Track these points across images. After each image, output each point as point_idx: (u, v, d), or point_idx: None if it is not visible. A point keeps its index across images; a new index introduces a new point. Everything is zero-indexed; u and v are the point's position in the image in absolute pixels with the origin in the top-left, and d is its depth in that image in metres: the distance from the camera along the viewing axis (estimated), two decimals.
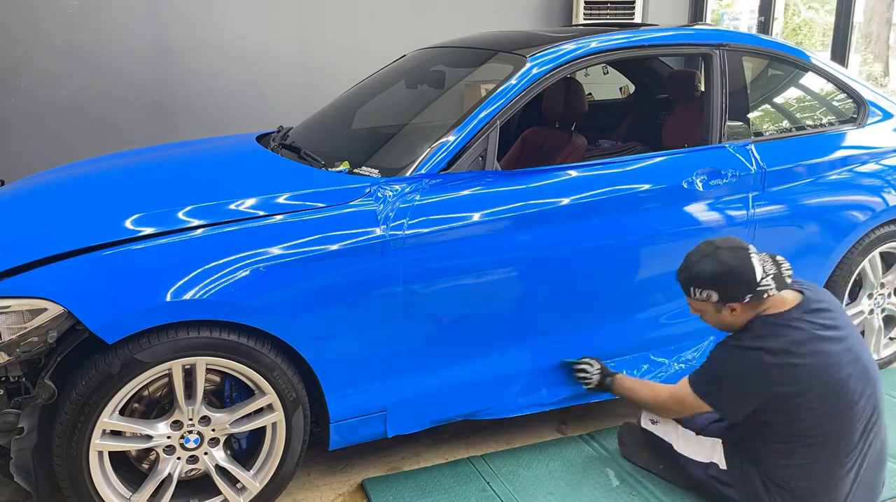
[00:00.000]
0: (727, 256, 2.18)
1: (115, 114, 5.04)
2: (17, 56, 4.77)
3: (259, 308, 2.14)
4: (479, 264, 2.45)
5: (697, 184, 2.78)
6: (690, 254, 2.28)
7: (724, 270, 2.17)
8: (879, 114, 3.29)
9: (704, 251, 2.24)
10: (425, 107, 3.10)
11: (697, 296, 2.24)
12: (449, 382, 2.51)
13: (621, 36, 2.87)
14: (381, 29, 5.53)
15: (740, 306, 2.20)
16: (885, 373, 3.34)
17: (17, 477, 2.04)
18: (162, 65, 5.11)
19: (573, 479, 2.55)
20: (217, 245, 2.14)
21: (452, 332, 2.48)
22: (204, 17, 5.14)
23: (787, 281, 2.21)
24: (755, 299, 2.17)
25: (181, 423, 2.17)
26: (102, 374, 2.01)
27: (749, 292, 2.16)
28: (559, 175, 2.63)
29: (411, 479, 2.56)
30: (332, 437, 2.40)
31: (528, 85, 2.61)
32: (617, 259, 2.68)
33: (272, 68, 5.36)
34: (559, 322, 2.65)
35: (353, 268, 2.26)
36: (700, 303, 2.26)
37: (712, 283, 2.19)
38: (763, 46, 3.14)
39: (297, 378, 2.27)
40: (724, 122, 2.93)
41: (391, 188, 2.37)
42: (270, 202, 2.30)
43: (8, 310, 1.96)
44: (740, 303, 2.18)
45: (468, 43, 3.25)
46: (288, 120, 3.61)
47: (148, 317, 2.02)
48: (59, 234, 2.15)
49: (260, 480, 2.30)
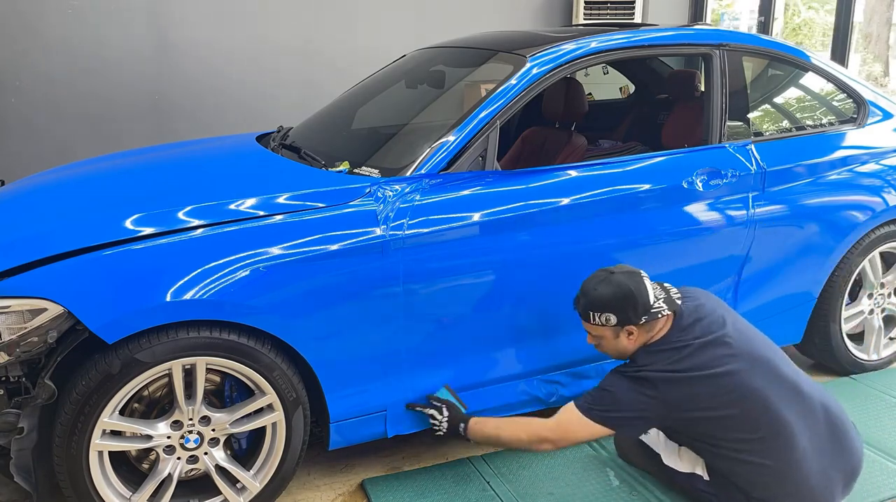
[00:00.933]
0: (623, 279, 2.24)
1: (114, 114, 5.04)
2: (17, 56, 4.77)
3: (259, 308, 2.14)
4: (479, 264, 2.45)
5: (697, 184, 2.78)
6: (587, 282, 2.32)
7: (622, 292, 2.23)
8: (879, 114, 3.29)
9: (600, 277, 2.29)
10: (425, 107, 3.10)
11: (596, 321, 2.27)
12: (449, 382, 2.51)
13: (621, 36, 2.87)
14: (381, 29, 5.53)
15: (636, 329, 2.25)
16: (885, 373, 3.34)
17: (17, 477, 2.04)
18: (162, 65, 5.11)
19: (573, 479, 2.55)
20: (217, 245, 2.15)
21: (452, 332, 2.48)
22: (204, 17, 5.14)
23: (677, 302, 2.28)
24: (650, 319, 2.23)
25: (181, 423, 2.17)
26: (102, 374, 2.01)
27: (645, 313, 2.22)
28: (559, 175, 2.63)
29: (411, 479, 2.56)
30: (332, 437, 2.40)
31: (528, 85, 2.61)
32: (617, 259, 2.68)
33: (272, 68, 5.36)
34: (559, 322, 2.65)
35: (353, 268, 2.26)
36: (599, 328, 2.29)
37: (610, 307, 2.24)
38: (763, 46, 3.14)
39: (297, 378, 2.27)
40: (724, 122, 2.93)
41: (391, 188, 2.37)
42: (270, 202, 2.30)
43: (8, 310, 1.96)
44: (636, 325, 2.23)
45: (468, 43, 3.26)
46: (288, 120, 3.61)
47: (148, 317, 2.02)
48: (59, 234, 2.15)
49: (260, 480, 2.30)
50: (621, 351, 2.31)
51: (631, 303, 2.22)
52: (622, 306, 2.23)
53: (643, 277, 2.27)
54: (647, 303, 2.23)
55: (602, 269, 2.33)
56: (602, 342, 2.33)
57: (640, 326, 2.24)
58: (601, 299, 2.25)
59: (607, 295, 2.24)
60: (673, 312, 2.28)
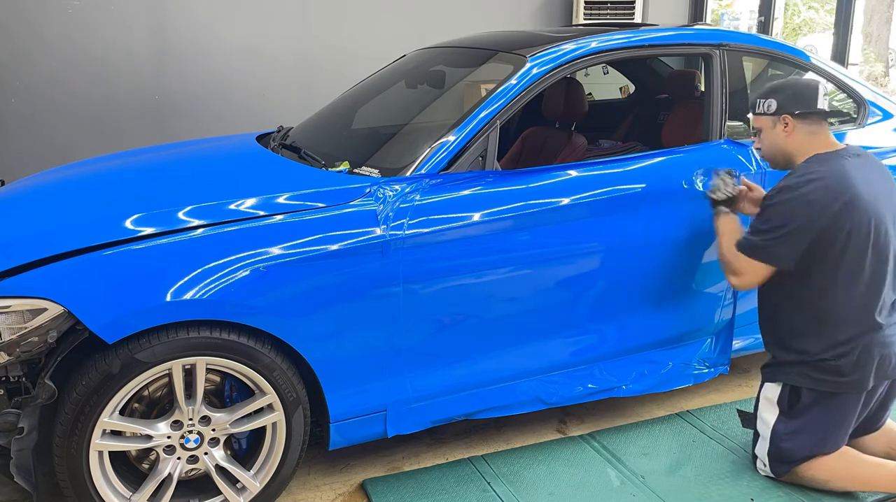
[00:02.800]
0: (795, 77, 2.49)
1: (114, 114, 5.03)
2: (17, 56, 4.76)
3: (259, 308, 2.14)
4: (479, 264, 2.45)
5: (697, 183, 2.78)
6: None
7: (791, 82, 2.49)
8: (879, 114, 3.29)
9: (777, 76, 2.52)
10: (425, 107, 3.10)
11: (760, 109, 2.47)
12: (449, 382, 2.51)
13: (621, 36, 2.87)
14: (381, 29, 5.53)
15: (793, 122, 2.41)
16: None
17: (17, 477, 2.04)
18: (162, 65, 5.11)
19: (574, 479, 2.55)
20: (217, 245, 2.14)
21: (452, 332, 2.48)
22: (204, 17, 5.14)
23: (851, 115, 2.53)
24: (808, 117, 2.41)
25: (181, 423, 2.17)
26: (102, 374, 2.01)
27: (804, 105, 2.40)
28: (559, 175, 2.63)
29: (411, 479, 2.56)
30: (332, 437, 2.40)
31: (528, 85, 2.61)
32: (617, 258, 2.68)
33: (272, 68, 5.36)
34: (559, 322, 2.65)
35: (354, 268, 2.25)
36: (761, 118, 2.48)
37: (774, 92, 2.45)
38: (763, 46, 3.14)
39: (297, 378, 2.27)
40: (724, 121, 2.93)
41: (391, 188, 2.37)
42: (270, 202, 2.30)
43: (8, 310, 1.96)
44: (793, 115, 2.41)
45: (468, 43, 3.26)
46: (288, 120, 3.61)
47: (148, 316, 2.02)
48: (59, 234, 2.15)
49: (260, 480, 2.29)
50: (777, 145, 2.47)
51: (793, 90, 2.42)
52: (784, 93, 2.42)
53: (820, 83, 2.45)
54: (813, 97, 2.40)
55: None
56: (762, 135, 2.49)
57: (798, 118, 2.40)
58: (770, 86, 2.48)
59: (777, 83, 2.48)
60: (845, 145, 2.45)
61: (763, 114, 2.47)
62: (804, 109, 2.41)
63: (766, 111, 2.45)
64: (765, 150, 2.53)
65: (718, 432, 2.85)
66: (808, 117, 2.42)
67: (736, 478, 2.55)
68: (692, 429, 2.87)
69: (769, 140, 2.49)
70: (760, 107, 2.47)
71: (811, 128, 2.43)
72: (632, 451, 2.72)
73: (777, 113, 2.43)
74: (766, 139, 2.50)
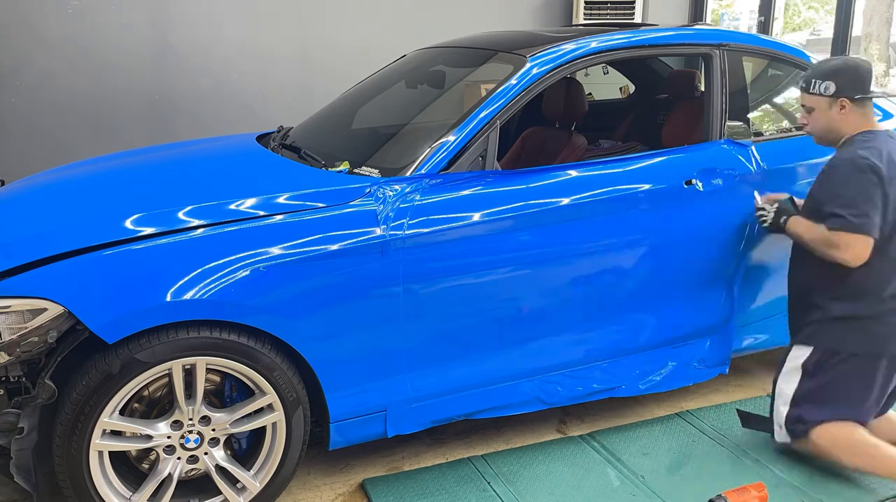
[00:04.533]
0: (855, 59, 2.54)
1: (114, 114, 5.03)
2: (17, 56, 4.76)
3: (259, 308, 2.14)
4: (479, 264, 2.45)
5: (697, 183, 2.78)
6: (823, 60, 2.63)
7: (850, 65, 2.51)
8: (879, 114, 3.29)
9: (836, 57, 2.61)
10: (425, 107, 3.10)
11: (816, 89, 2.52)
12: (449, 382, 2.51)
13: (621, 36, 2.87)
14: (381, 29, 5.53)
15: (849, 104, 2.49)
16: None
17: (18, 476, 2.04)
18: (162, 65, 5.11)
19: (573, 479, 2.55)
20: (217, 245, 2.14)
21: (452, 332, 2.48)
22: (204, 17, 5.14)
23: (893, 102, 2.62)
24: (863, 101, 2.49)
25: (181, 423, 2.17)
26: (102, 374, 2.01)
27: (862, 90, 2.48)
28: (559, 175, 2.63)
29: (411, 479, 2.56)
30: (332, 437, 2.40)
31: (528, 85, 2.61)
32: (617, 259, 2.68)
33: (272, 68, 5.36)
34: (559, 322, 2.65)
35: (354, 268, 2.25)
36: (815, 98, 2.53)
37: (834, 75, 2.49)
38: (763, 46, 3.14)
39: (297, 378, 2.27)
40: (724, 121, 2.93)
41: (391, 188, 2.37)
42: (270, 202, 2.30)
43: (8, 310, 1.96)
44: (850, 99, 2.48)
45: (468, 43, 3.26)
46: (288, 120, 3.61)
47: (148, 316, 2.02)
48: (59, 234, 2.15)
49: (260, 480, 2.29)
50: (830, 125, 2.53)
51: (853, 75, 2.48)
52: (845, 76, 2.48)
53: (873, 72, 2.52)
54: (868, 82, 2.48)
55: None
56: (815, 114, 2.55)
57: (854, 102, 2.48)
58: (828, 67, 2.52)
59: (835, 64, 2.52)
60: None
61: (819, 94, 2.52)
62: (862, 94, 2.49)
63: (823, 92, 2.51)
64: (815, 129, 2.60)
65: (718, 432, 2.85)
66: (863, 101, 2.50)
67: (736, 478, 2.55)
68: (692, 429, 2.87)
69: (823, 120, 2.55)
70: (817, 87, 2.52)
71: (863, 110, 2.52)
72: (632, 451, 2.72)
73: (835, 95, 2.50)
74: (819, 118, 2.56)
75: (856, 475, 2.58)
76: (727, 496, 2.36)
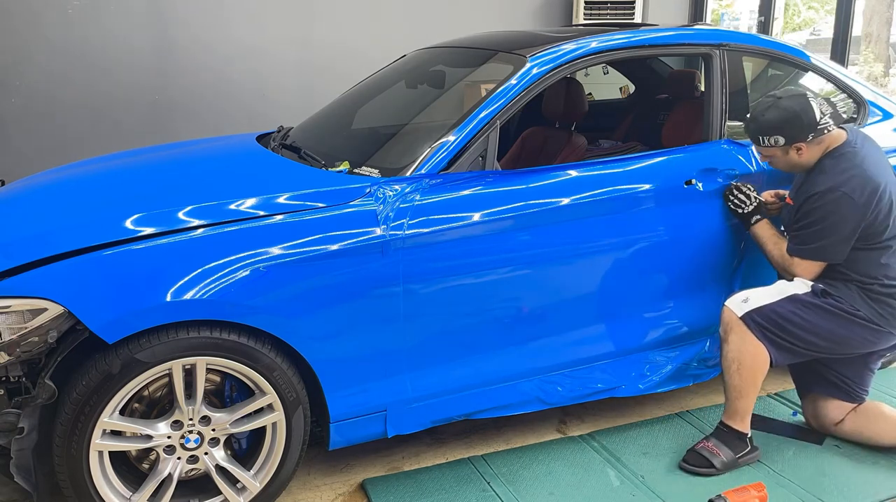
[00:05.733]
0: (788, 104, 2.50)
1: (115, 114, 5.04)
2: (18, 56, 4.77)
3: (259, 308, 2.14)
4: (479, 264, 2.45)
5: (697, 184, 2.78)
6: (755, 107, 2.60)
7: (787, 116, 2.49)
8: (879, 114, 3.29)
9: (767, 103, 2.55)
10: (425, 107, 3.10)
11: (766, 144, 2.55)
12: (449, 382, 2.51)
13: (621, 36, 2.87)
14: (381, 29, 5.53)
15: (805, 146, 2.51)
16: (884, 373, 3.34)
17: (18, 477, 2.04)
18: (162, 64, 5.11)
19: (573, 479, 2.55)
20: (217, 245, 2.14)
21: (452, 332, 2.48)
22: (204, 17, 5.14)
23: (843, 115, 2.52)
24: (817, 135, 2.49)
25: (181, 423, 2.17)
26: (102, 374, 2.01)
27: (811, 131, 2.48)
28: (559, 175, 2.63)
29: (411, 479, 2.56)
30: (332, 437, 2.40)
31: (528, 85, 2.61)
32: (617, 259, 2.68)
33: (272, 68, 5.36)
34: (559, 322, 2.65)
35: (354, 268, 2.26)
36: (768, 149, 2.57)
37: (778, 130, 2.51)
38: (763, 46, 3.14)
39: (298, 378, 2.27)
40: (724, 121, 2.93)
41: (391, 188, 2.37)
42: (270, 202, 2.30)
43: (8, 310, 1.96)
44: (805, 142, 2.49)
45: (468, 43, 3.26)
46: (288, 120, 3.61)
47: (148, 316, 2.02)
48: (59, 234, 2.15)
49: (260, 480, 2.29)
50: (794, 165, 2.58)
51: (797, 124, 2.48)
52: (789, 128, 2.49)
53: (808, 98, 2.51)
54: (813, 121, 2.48)
55: (769, 95, 2.58)
56: (774, 160, 2.60)
57: (809, 143, 2.50)
58: (768, 124, 2.52)
59: (774, 119, 2.51)
60: (840, 128, 2.55)
61: (772, 146, 2.56)
62: (811, 134, 2.50)
63: (775, 145, 2.54)
64: (779, 169, 2.66)
65: None
66: (818, 134, 2.51)
67: (736, 478, 2.55)
68: (692, 429, 2.87)
69: (784, 163, 2.60)
70: (767, 142, 2.55)
71: (821, 138, 2.53)
72: (632, 451, 2.72)
73: (787, 145, 2.53)
74: (780, 163, 2.62)
75: (856, 475, 2.58)
76: (727, 496, 2.36)
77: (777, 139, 2.52)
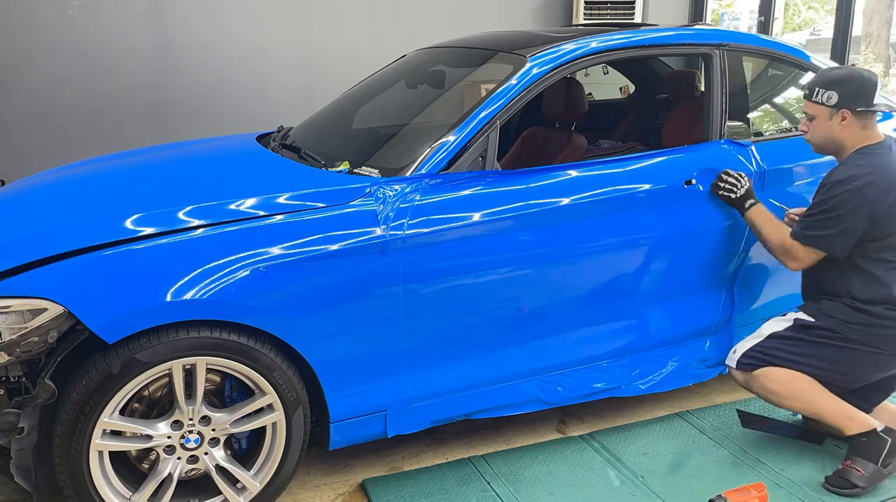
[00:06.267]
0: (858, 70, 2.50)
1: (115, 114, 5.04)
2: (18, 56, 4.77)
3: (259, 308, 2.14)
4: (479, 264, 2.45)
5: (697, 184, 2.78)
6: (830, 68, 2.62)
7: (853, 76, 2.47)
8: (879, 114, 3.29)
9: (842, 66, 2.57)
10: (425, 107, 3.10)
11: (818, 98, 2.49)
12: (449, 382, 2.51)
13: (621, 36, 2.87)
14: (381, 29, 5.53)
15: (850, 116, 2.45)
16: None
17: (18, 476, 2.04)
18: (162, 64, 5.11)
19: (574, 479, 2.55)
20: (217, 245, 2.14)
21: (452, 332, 2.48)
22: (204, 17, 5.14)
23: (893, 113, 2.59)
24: (865, 113, 2.46)
25: (181, 423, 2.17)
26: (102, 374, 2.01)
27: (865, 103, 2.45)
28: (559, 175, 2.63)
29: (411, 479, 2.56)
30: (332, 437, 2.40)
31: (528, 85, 2.61)
32: (617, 259, 2.68)
33: (272, 68, 5.36)
34: (559, 322, 2.65)
35: (354, 268, 2.26)
36: (818, 107, 2.50)
37: (838, 85, 2.46)
38: (763, 46, 3.14)
39: (298, 378, 2.27)
40: (724, 121, 2.93)
41: (391, 188, 2.37)
42: (270, 202, 2.30)
43: (8, 310, 1.96)
44: (852, 111, 2.45)
45: (468, 43, 3.26)
46: (288, 120, 3.61)
47: (148, 316, 2.02)
48: (59, 234, 2.15)
49: (260, 480, 2.29)
50: (829, 137, 2.52)
51: (856, 87, 2.44)
52: (847, 88, 2.44)
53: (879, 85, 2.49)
54: (871, 94, 2.44)
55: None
56: (815, 122, 2.52)
57: (856, 114, 2.45)
58: (831, 77, 2.48)
59: (838, 75, 2.48)
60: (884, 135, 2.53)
61: (821, 103, 2.49)
62: (864, 107, 2.46)
63: (825, 102, 2.48)
64: (815, 137, 2.58)
65: (718, 432, 2.85)
66: (865, 113, 2.47)
67: (736, 478, 2.55)
68: (692, 429, 2.87)
69: (823, 129, 2.53)
70: (819, 96, 2.49)
71: (865, 122, 2.49)
72: (632, 451, 2.72)
73: (837, 106, 2.47)
74: (819, 127, 2.54)
75: None
76: (727, 496, 2.36)
77: (831, 96, 2.45)
